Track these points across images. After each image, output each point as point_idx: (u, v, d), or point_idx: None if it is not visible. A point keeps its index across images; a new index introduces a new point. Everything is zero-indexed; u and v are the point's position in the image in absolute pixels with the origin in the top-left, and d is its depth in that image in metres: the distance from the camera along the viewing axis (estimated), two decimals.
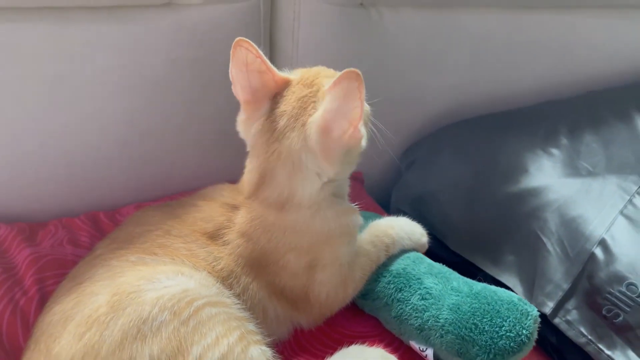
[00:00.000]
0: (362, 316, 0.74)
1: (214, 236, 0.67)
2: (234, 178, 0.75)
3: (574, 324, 0.79)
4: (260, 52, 0.64)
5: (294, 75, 0.69)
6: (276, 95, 0.67)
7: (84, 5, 0.79)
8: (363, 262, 0.72)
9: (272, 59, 0.99)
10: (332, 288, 0.69)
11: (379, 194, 1.12)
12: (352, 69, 0.58)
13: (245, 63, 0.64)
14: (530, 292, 0.83)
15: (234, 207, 0.69)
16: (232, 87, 0.67)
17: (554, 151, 0.97)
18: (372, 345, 0.68)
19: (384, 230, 0.75)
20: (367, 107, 0.69)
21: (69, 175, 0.87)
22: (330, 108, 0.61)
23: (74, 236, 0.81)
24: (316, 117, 0.63)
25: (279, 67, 1.00)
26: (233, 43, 0.64)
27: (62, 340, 0.55)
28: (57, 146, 0.85)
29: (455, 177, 1.02)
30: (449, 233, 0.96)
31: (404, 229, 0.77)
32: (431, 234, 0.90)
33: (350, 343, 0.68)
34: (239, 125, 0.70)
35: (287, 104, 0.65)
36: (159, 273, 0.59)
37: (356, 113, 0.61)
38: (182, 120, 0.85)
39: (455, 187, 1.00)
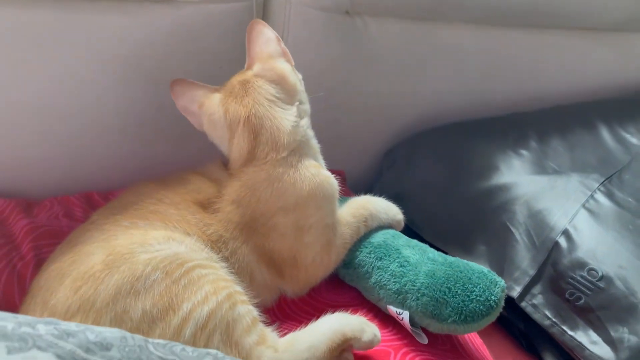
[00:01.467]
0: (343, 288, 0.79)
1: (204, 205, 0.71)
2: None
3: (540, 308, 0.85)
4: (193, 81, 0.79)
5: None
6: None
7: None
8: (344, 231, 0.76)
9: None
10: (317, 251, 0.73)
11: (361, 192, 1.18)
12: (253, 20, 0.78)
13: (186, 91, 0.79)
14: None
15: (223, 180, 0.74)
16: (186, 110, 0.80)
17: (524, 152, 1.04)
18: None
19: (362, 204, 0.81)
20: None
21: (67, 157, 0.90)
22: (257, 48, 0.78)
23: (69, 211, 0.84)
24: (260, 58, 0.77)
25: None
26: (171, 83, 0.78)
27: (58, 293, 0.58)
28: (56, 128, 0.88)
29: (432, 176, 1.08)
30: (425, 226, 1.01)
31: (381, 205, 0.83)
32: (409, 228, 0.95)
33: (332, 312, 0.72)
34: (207, 131, 0.79)
35: (229, 84, 0.77)
36: (151, 239, 0.62)
37: (272, 35, 0.78)
38: (173, 112, 0.89)
39: (431, 185, 1.07)
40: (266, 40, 0.78)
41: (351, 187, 1.15)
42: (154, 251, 0.60)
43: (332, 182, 0.76)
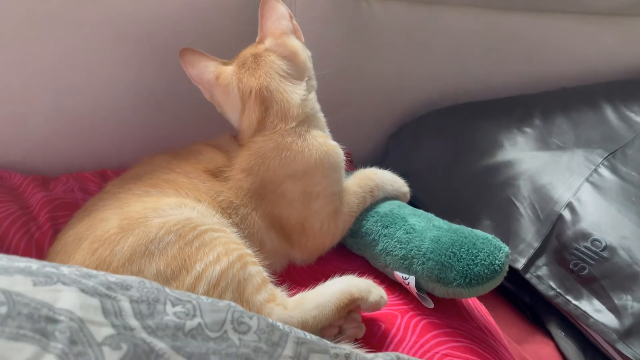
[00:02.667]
0: (350, 257, 0.80)
1: (215, 173, 0.74)
2: None
3: (544, 279, 0.86)
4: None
5: None
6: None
7: None
8: (350, 199, 0.78)
9: None
10: (324, 218, 0.75)
11: None
12: None
13: (197, 61, 0.80)
14: None
15: (233, 151, 0.76)
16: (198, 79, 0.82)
17: (528, 130, 1.06)
18: None
19: (368, 175, 0.83)
20: None
21: (80, 134, 0.92)
22: (271, 22, 0.79)
23: (84, 185, 0.86)
24: (272, 33, 0.79)
25: None
26: (180, 51, 0.79)
27: (76, 255, 0.60)
28: (71, 105, 0.90)
29: (437, 155, 1.10)
30: (431, 204, 1.03)
31: (386, 176, 0.85)
32: (415, 206, 0.97)
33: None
34: (214, 98, 0.82)
35: (242, 56, 0.79)
36: (164, 205, 0.64)
37: (285, 11, 0.80)
38: (186, 88, 0.91)
39: (437, 164, 1.08)
40: (279, 16, 0.80)
41: (358, 168, 1.17)
42: (166, 216, 0.62)
43: (339, 151, 0.78)
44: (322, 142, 0.75)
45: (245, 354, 0.39)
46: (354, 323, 0.65)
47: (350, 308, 0.64)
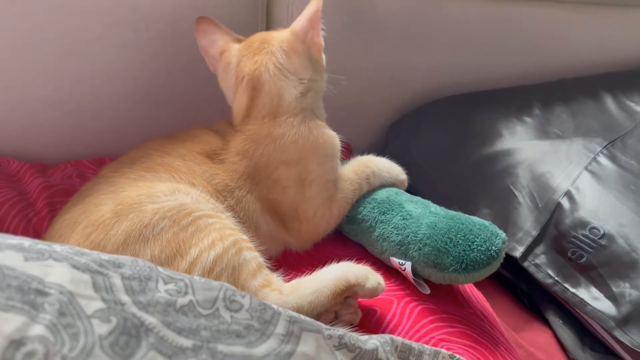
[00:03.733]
0: (347, 243, 0.80)
1: (210, 155, 0.74)
2: None
3: (542, 267, 0.86)
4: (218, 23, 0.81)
5: None
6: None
7: None
8: (346, 186, 0.78)
9: (269, 28, 1.07)
10: (319, 204, 0.75)
11: None
12: None
13: (209, 31, 0.81)
14: None
15: (229, 134, 0.76)
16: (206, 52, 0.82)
17: (527, 119, 1.05)
18: None
19: (364, 162, 0.83)
20: None
21: (78, 122, 0.92)
22: (297, 19, 0.76)
23: (82, 173, 0.87)
24: (283, 31, 0.77)
25: None
26: (197, 20, 0.80)
27: (70, 239, 0.60)
28: (69, 93, 0.90)
29: (436, 145, 1.09)
30: (430, 193, 1.02)
31: (383, 164, 0.85)
32: (413, 194, 0.97)
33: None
34: (219, 79, 0.82)
35: (254, 39, 0.78)
36: (158, 190, 0.63)
37: (316, 16, 0.75)
38: (184, 76, 0.92)
39: (436, 153, 1.08)
40: (306, 15, 0.76)
41: None
42: (160, 202, 0.61)
43: (335, 141, 0.78)
44: (318, 133, 0.75)
45: (236, 330, 0.39)
46: (350, 309, 0.65)
47: (347, 294, 0.64)
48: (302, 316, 0.47)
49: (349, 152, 1.17)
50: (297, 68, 0.76)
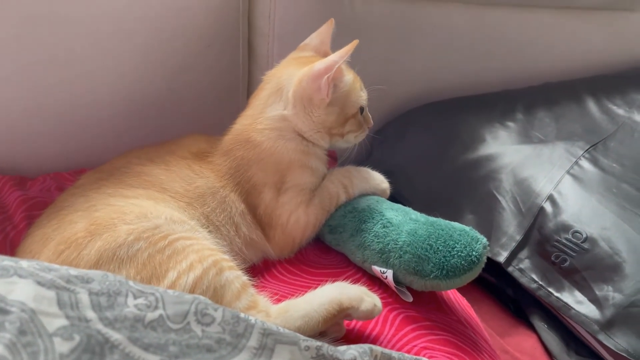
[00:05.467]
0: (330, 252, 0.80)
1: (198, 155, 0.75)
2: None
3: (526, 272, 0.86)
4: (332, 30, 0.87)
5: None
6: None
7: None
8: (322, 194, 0.78)
9: (250, 37, 1.07)
10: (293, 210, 0.75)
11: None
12: (355, 40, 0.74)
13: (321, 31, 0.87)
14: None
15: (216, 139, 0.79)
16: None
17: (510, 124, 1.06)
18: (339, 277, 0.73)
19: (342, 173, 0.82)
20: (363, 94, 0.84)
21: (59, 133, 0.92)
22: (326, 58, 0.74)
23: (61, 185, 0.86)
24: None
25: (256, 46, 1.08)
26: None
27: (41, 256, 0.59)
28: (47, 104, 0.90)
29: (420, 151, 1.09)
30: (414, 200, 1.02)
31: (362, 174, 0.84)
32: (398, 202, 0.96)
33: (320, 274, 0.74)
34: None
35: (313, 58, 0.82)
36: (130, 213, 0.61)
37: (333, 62, 0.72)
38: (165, 86, 0.91)
39: (420, 159, 1.08)
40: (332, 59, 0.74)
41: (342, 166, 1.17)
42: (134, 223, 0.60)
43: (314, 163, 0.79)
44: (294, 148, 0.76)
45: (207, 345, 0.39)
46: (336, 327, 0.63)
47: (340, 318, 0.62)
48: (278, 328, 0.47)
49: (334, 160, 1.16)
50: (288, 102, 0.76)
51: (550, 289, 0.83)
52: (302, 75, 0.75)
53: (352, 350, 0.50)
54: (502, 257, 0.87)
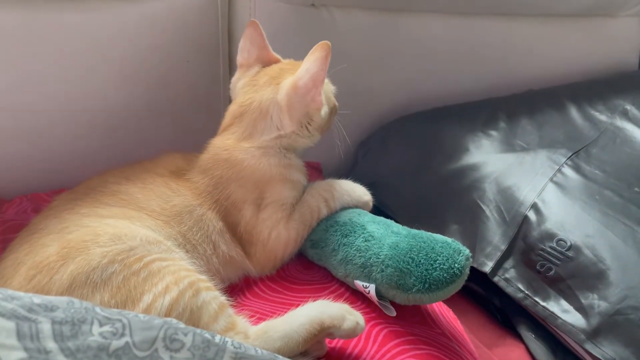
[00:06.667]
0: (313, 268, 0.79)
1: (176, 173, 0.75)
2: None
3: (512, 281, 0.85)
4: (263, 33, 0.83)
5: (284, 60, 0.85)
6: (265, 66, 0.83)
7: None
8: (303, 209, 0.78)
9: (230, 51, 1.06)
10: (273, 226, 0.74)
11: None
12: (326, 41, 0.72)
13: (251, 38, 0.82)
14: (472, 255, 0.89)
15: (194, 156, 0.78)
16: (238, 55, 0.84)
17: (493, 133, 1.06)
18: (322, 293, 0.72)
19: (323, 186, 0.82)
20: (331, 87, 0.84)
21: (35, 154, 0.90)
22: (302, 69, 0.74)
23: (38, 206, 0.84)
24: (290, 78, 0.75)
25: (236, 59, 1.07)
26: (247, 23, 0.82)
27: (13, 281, 0.58)
28: (25, 125, 0.89)
29: (404, 162, 1.09)
30: (399, 210, 1.02)
31: (343, 187, 0.83)
32: (383, 213, 0.96)
33: (302, 290, 0.72)
34: (231, 84, 0.85)
35: (272, 70, 0.81)
36: (104, 234, 0.60)
37: (320, 75, 0.73)
38: (144, 103, 0.90)
39: (404, 170, 1.08)
40: (311, 73, 0.74)
41: (327, 178, 1.16)
42: (108, 246, 0.59)
43: (296, 175, 0.79)
44: (277, 164, 0.76)
45: None
46: (317, 345, 0.62)
47: (321, 337, 0.60)
48: (256, 349, 0.46)
49: (318, 171, 1.16)
50: (283, 123, 0.77)
51: (536, 298, 0.82)
52: (289, 96, 0.75)
53: None
54: (487, 267, 0.86)
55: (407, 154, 1.10)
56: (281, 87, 0.76)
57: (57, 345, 0.35)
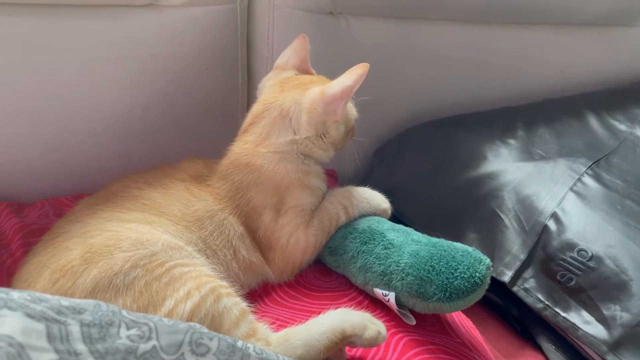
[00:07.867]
0: (331, 275, 0.79)
1: (196, 178, 0.75)
2: None
3: (532, 291, 0.84)
4: (308, 47, 0.86)
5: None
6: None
7: (74, 3, 0.87)
8: (322, 215, 0.77)
9: (249, 59, 1.07)
10: (292, 232, 0.74)
11: None
12: (366, 63, 0.75)
13: (296, 48, 0.86)
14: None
15: (214, 162, 0.78)
16: (278, 59, 0.87)
17: (511, 141, 1.05)
18: (341, 300, 0.72)
19: (342, 193, 0.82)
20: (355, 112, 0.85)
21: (54, 159, 0.91)
22: (336, 80, 0.75)
23: (59, 210, 0.85)
24: (322, 87, 0.76)
25: (255, 67, 1.08)
26: (299, 36, 0.86)
27: (37, 284, 0.58)
28: (42, 130, 0.90)
29: (421, 169, 1.09)
30: (416, 218, 1.01)
31: (362, 194, 0.83)
32: (400, 221, 0.95)
33: (321, 298, 0.72)
34: (261, 82, 0.87)
35: (304, 78, 0.82)
36: (126, 239, 0.60)
37: (350, 89, 0.74)
38: (163, 110, 0.91)
39: (421, 178, 1.07)
40: (342, 86, 0.75)
41: (344, 185, 1.16)
42: (130, 251, 0.59)
43: (314, 182, 0.78)
44: (295, 169, 0.76)
45: None
46: (338, 352, 0.62)
47: (342, 345, 0.60)
48: (278, 356, 0.45)
49: (334, 179, 1.16)
50: (301, 127, 0.77)
51: (556, 309, 0.81)
52: (314, 100, 0.75)
53: None
54: (506, 277, 0.85)
55: (422, 162, 1.09)
56: (309, 92, 0.77)
57: (86, 348, 0.35)
